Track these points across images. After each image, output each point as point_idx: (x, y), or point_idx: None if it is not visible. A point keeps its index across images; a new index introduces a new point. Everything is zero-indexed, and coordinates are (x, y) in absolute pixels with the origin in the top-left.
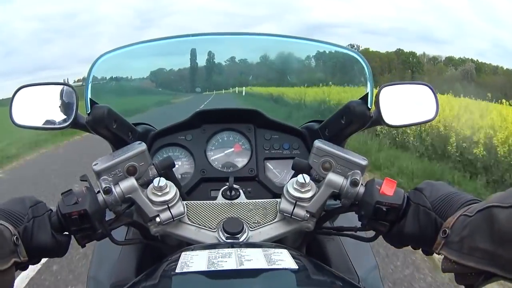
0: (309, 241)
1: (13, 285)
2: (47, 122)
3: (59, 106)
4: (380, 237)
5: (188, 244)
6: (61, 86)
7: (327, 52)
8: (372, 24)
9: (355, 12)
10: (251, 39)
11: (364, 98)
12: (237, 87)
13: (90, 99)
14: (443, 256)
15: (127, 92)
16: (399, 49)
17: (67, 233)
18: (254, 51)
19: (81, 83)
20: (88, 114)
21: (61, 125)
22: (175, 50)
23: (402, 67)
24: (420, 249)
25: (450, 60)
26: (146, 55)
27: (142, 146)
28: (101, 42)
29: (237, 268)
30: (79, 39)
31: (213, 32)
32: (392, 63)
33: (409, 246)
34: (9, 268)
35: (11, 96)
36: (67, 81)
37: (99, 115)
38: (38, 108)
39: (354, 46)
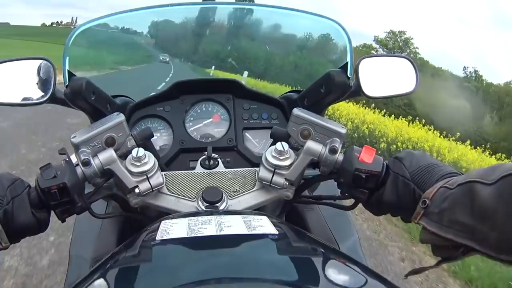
0: (288, 210)
1: None
2: (25, 98)
3: (37, 82)
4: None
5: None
6: (39, 61)
7: (305, 21)
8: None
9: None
10: (226, 8)
11: (344, 67)
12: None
13: (68, 71)
14: (421, 226)
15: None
16: None
17: (46, 208)
18: (229, 21)
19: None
20: (66, 87)
21: (39, 101)
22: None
23: None
24: (400, 217)
25: None
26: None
27: (120, 117)
28: None
29: (218, 234)
30: None
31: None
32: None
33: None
34: None
35: (34, 24)
36: (76, 21)
37: (77, 87)
38: (16, 84)
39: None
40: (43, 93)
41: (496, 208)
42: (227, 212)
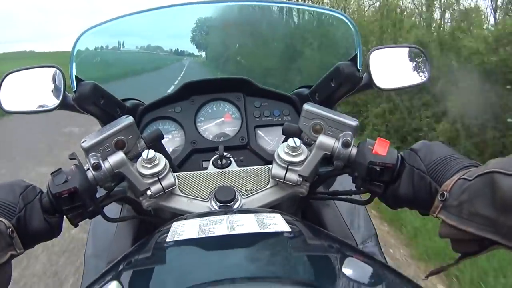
0: (303, 207)
1: (10, 278)
2: (36, 105)
3: (47, 89)
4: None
5: (181, 216)
6: (47, 69)
7: (311, 15)
8: None
9: None
10: (231, 6)
11: (353, 59)
12: None
13: (76, 76)
14: (440, 220)
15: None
16: None
17: (59, 214)
18: (234, 18)
19: None
20: (75, 92)
21: (50, 108)
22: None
23: None
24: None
25: None
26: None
27: (129, 120)
28: None
29: (229, 233)
30: None
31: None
32: None
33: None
34: (6, 261)
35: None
36: None
37: (85, 91)
38: (26, 92)
39: None
40: (53, 100)
41: None
42: (240, 211)
